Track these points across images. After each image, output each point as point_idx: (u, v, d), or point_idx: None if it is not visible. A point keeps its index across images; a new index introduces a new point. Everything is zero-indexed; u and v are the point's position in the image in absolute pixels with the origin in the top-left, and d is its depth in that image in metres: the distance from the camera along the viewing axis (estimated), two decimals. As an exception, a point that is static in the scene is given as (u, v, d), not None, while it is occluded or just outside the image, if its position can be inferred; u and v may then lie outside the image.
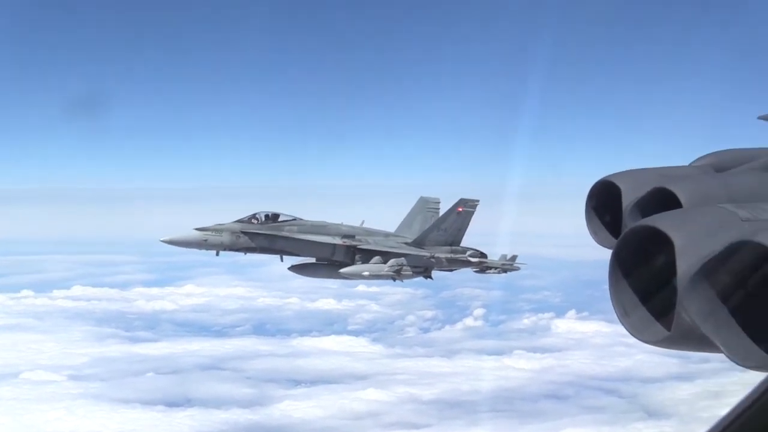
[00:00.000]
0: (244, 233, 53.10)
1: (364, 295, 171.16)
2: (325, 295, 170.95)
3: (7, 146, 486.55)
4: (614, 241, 3.91)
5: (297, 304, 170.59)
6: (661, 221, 3.61)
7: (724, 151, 5.48)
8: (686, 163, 5.41)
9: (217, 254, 53.32)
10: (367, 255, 55.12)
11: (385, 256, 54.91)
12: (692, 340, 3.49)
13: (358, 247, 55.48)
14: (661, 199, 4.54)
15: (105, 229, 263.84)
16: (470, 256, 57.09)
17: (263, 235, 53.60)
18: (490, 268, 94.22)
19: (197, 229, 52.14)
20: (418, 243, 56.94)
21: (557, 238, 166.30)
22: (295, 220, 55.15)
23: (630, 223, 4.45)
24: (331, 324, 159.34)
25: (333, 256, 55.32)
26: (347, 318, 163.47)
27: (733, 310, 3.31)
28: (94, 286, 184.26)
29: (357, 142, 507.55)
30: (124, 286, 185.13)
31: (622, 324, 3.75)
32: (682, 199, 4.45)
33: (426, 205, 61.30)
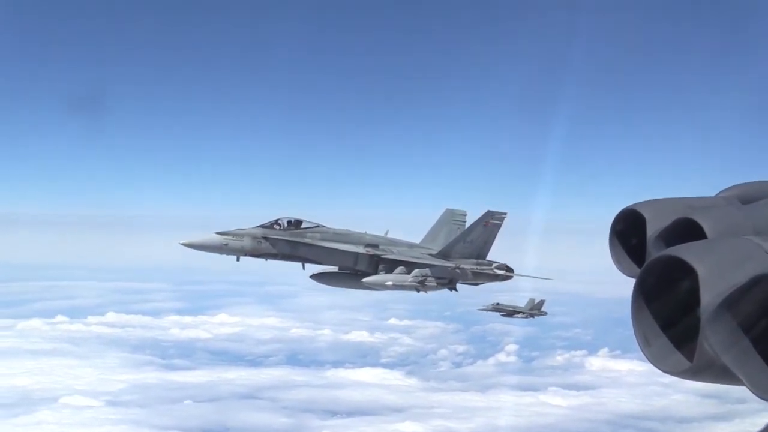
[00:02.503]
0: (266, 239, 51.08)
1: (396, 328, 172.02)
2: (358, 327, 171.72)
3: (41, 172, 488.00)
4: (638, 271, 3.72)
5: (329, 335, 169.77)
6: (686, 251, 3.47)
7: (751, 183, 5.11)
8: (712, 194, 5.03)
9: (238, 260, 51.21)
10: (390, 265, 52.87)
11: (409, 266, 52.58)
12: (714, 371, 3.41)
13: (382, 256, 53.28)
14: (686, 230, 4.33)
15: (135, 256, 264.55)
16: (496, 268, 54.54)
17: (285, 242, 51.54)
18: (517, 312, 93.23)
19: (218, 233, 50.17)
20: (443, 255, 54.56)
21: (587, 275, 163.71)
22: (318, 227, 53.09)
23: (654, 252, 4.31)
24: (364, 356, 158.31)
25: (356, 265, 53.13)
26: (380, 350, 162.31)
27: (756, 342, 3.25)
28: (127, 313, 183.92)
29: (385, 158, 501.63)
30: (156, 313, 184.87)
31: (644, 353, 3.57)
32: (707, 229, 4.24)
33: (452, 217, 59.09)
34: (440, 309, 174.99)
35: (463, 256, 54.31)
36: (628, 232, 4.83)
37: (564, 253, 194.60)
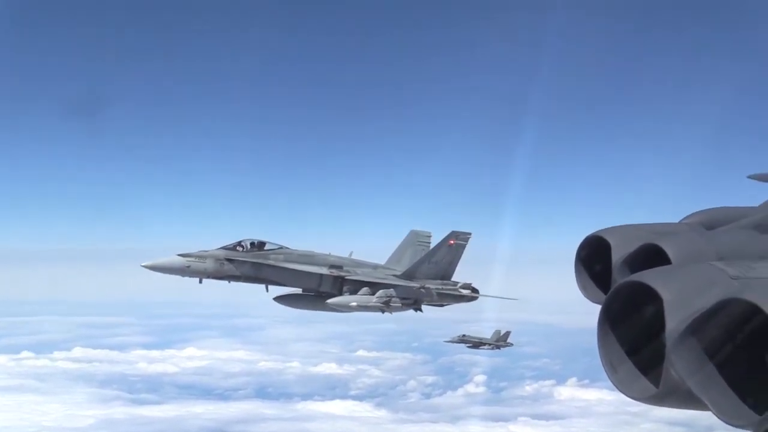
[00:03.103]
0: (229, 260, 50.26)
1: (364, 359, 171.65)
2: (326, 359, 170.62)
3: (4, 206, 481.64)
4: (603, 297, 3.83)
5: (298, 367, 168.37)
6: (651, 277, 3.58)
7: (714, 209, 5.44)
8: (676, 220, 5.30)
9: (200, 282, 50.25)
10: (355, 286, 52.22)
11: (374, 287, 51.97)
12: (680, 397, 3.49)
13: (346, 278, 52.60)
14: (651, 255, 4.48)
15: (100, 291, 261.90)
16: (461, 287, 53.95)
17: (249, 263, 50.74)
18: (484, 344, 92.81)
19: (180, 254, 49.26)
20: (408, 275, 53.96)
21: (553, 305, 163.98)
22: (281, 248, 52.36)
23: (619, 278, 4.41)
24: (333, 388, 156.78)
25: (320, 286, 52.39)
26: (349, 382, 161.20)
27: (721, 367, 3.33)
28: (94, 347, 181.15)
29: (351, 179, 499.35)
30: (123, 348, 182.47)
31: (610, 379, 3.71)
32: (672, 255, 4.40)
33: (417, 238, 58.58)
34: (408, 340, 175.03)
35: (428, 276, 53.71)
36: (594, 259, 4.99)
37: (530, 282, 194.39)
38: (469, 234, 55.40)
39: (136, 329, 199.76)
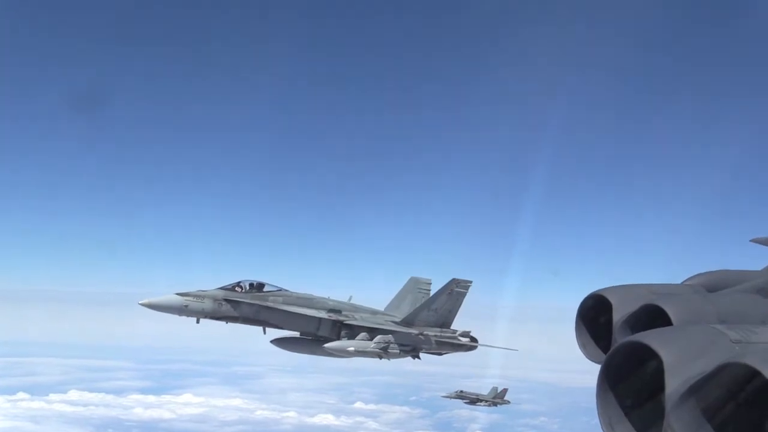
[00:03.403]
0: (227, 301, 49.57)
1: (362, 412, 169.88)
2: (323, 410, 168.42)
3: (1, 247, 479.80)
4: (603, 356, 3.87)
5: (295, 417, 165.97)
6: (651, 338, 3.60)
7: (716, 271, 5.38)
8: (678, 281, 5.26)
9: (198, 321, 49.43)
10: (353, 331, 51.50)
11: (372, 332, 51.21)
12: None
13: (345, 322, 51.85)
14: (652, 316, 4.49)
15: (98, 334, 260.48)
16: (461, 335, 53.23)
17: (247, 304, 50.02)
18: (481, 400, 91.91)
19: (178, 293, 48.57)
20: (407, 322, 53.16)
21: (553, 363, 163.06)
22: (280, 290, 51.71)
23: (620, 338, 4.44)
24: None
25: (318, 330, 51.65)
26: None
27: (719, 430, 3.32)
28: (90, 391, 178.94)
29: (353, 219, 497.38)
30: (119, 392, 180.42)
31: None
32: (673, 316, 4.40)
33: (417, 285, 58.00)
34: (406, 393, 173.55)
35: (427, 324, 52.95)
36: (595, 317, 5.02)
37: (530, 339, 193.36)
38: (470, 282, 54.75)
39: (133, 373, 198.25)
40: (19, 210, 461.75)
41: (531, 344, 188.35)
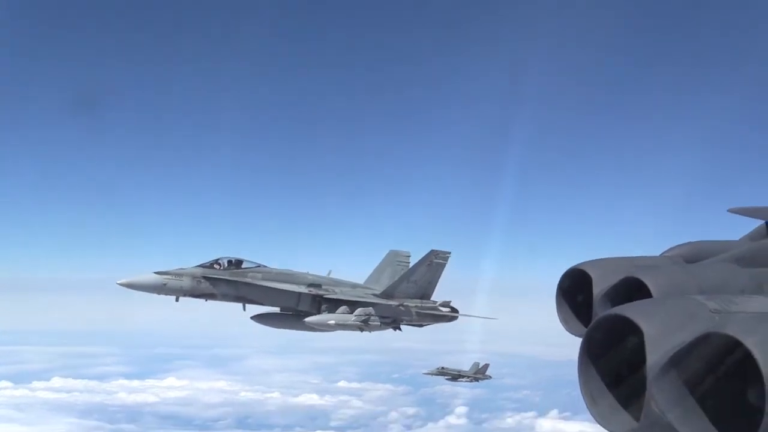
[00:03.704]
0: (206, 278, 49.35)
1: (345, 390, 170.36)
2: (307, 389, 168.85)
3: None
4: (584, 330, 3.88)
5: (279, 398, 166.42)
6: (632, 311, 3.62)
7: (695, 242, 5.43)
8: (657, 253, 5.28)
9: (177, 300, 49.19)
10: (333, 305, 51.33)
11: (353, 305, 51.04)
12: (661, 431, 3.49)
13: (325, 296, 51.70)
14: (632, 289, 4.53)
15: (80, 320, 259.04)
16: (441, 305, 53.16)
17: (225, 281, 49.81)
18: (462, 376, 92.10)
19: (157, 272, 48.30)
20: (386, 295, 53.08)
21: (534, 336, 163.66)
22: (259, 267, 51.50)
23: (600, 311, 4.41)
24: (314, 419, 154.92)
25: (298, 305, 51.44)
26: (330, 413, 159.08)
27: (702, 401, 3.37)
28: (74, 377, 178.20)
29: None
30: (103, 377, 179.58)
31: (590, 412, 3.74)
32: (653, 289, 4.44)
33: (396, 258, 57.81)
34: (389, 371, 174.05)
35: (407, 296, 52.82)
36: (575, 291, 5.01)
37: (510, 312, 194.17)
38: (449, 253, 54.64)
39: (116, 359, 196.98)
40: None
41: (511, 318, 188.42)
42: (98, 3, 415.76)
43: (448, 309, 53.63)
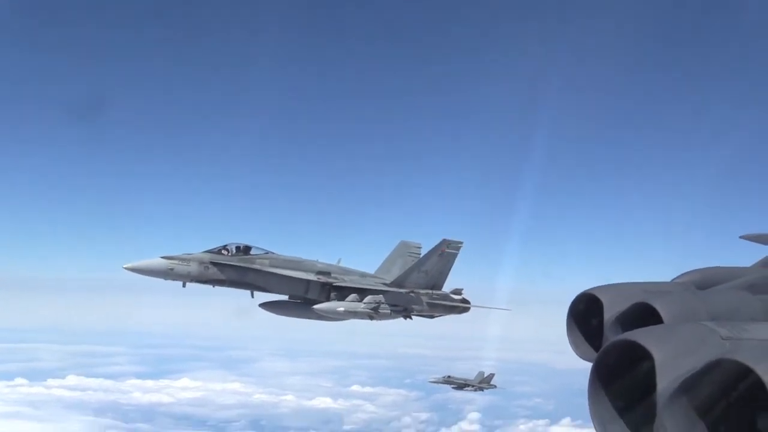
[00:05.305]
0: (214, 264, 47.61)
1: (359, 394, 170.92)
2: (321, 393, 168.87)
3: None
4: (594, 354, 3.82)
5: (293, 401, 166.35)
6: (642, 336, 3.57)
7: (707, 268, 5.37)
8: (668, 279, 5.23)
9: (184, 285, 47.53)
10: (342, 293, 49.56)
11: (362, 293, 49.29)
12: None
13: (334, 284, 49.94)
14: (643, 314, 4.45)
15: (95, 319, 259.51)
16: (452, 293, 51.45)
17: (233, 267, 48.08)
18: (467, 385, 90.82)
19: (164, 257, 46.64)
20: (397, 284, 51.21)
21: (548, 344, 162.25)
22: (267, 253, 49.76)
23: (611, 336, 4.42)
24: (327, 422, 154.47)
25: (307, 293, 49.69)
26: (343, 417, 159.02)
27: (712, 428, 3.33)
28: (88, 376, 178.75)
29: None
30: (117, 377, 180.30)
31: None
32: (664, 314, 4.37)
33: (407, 249, 56.12)
34: (401, 376, 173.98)
35: (418, 286, 50.99)
36: (586, 316, 4.85)
37: (523, 321, 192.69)
38: (461, 243, 52.83)
39: (130, 358, 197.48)
40: (14, 196, 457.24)
41: (523, 327, 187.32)
42: (98, 3, 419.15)
43: (459, 298, 51.91)
